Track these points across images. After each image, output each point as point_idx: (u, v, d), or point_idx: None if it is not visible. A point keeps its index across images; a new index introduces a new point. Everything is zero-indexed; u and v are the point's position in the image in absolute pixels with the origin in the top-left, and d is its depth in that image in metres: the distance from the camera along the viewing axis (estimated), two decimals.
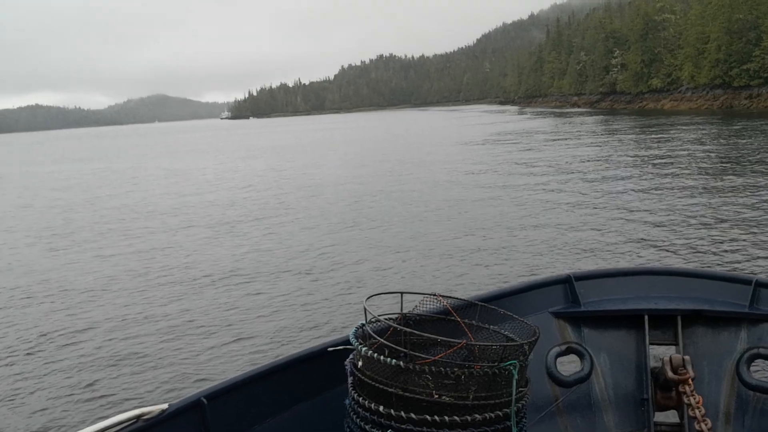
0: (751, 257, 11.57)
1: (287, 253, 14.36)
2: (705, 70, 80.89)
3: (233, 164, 43.44)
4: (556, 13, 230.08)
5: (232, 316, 10.03)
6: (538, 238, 14.14)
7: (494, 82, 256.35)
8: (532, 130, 56.62)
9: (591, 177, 23.69)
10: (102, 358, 8.67)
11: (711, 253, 12.01)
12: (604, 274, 3.81)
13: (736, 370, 3.32)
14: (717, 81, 78.98)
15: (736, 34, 76.49)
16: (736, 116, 58.47)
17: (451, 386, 2.38)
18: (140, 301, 11.25)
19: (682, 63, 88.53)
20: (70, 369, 8.40)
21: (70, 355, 8.89)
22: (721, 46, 77.32)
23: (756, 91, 72.77)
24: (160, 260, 14.43)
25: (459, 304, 2.94)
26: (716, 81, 79.12)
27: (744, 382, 3.28)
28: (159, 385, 7.62)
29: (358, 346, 2.53)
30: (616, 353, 3.49)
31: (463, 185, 23.82)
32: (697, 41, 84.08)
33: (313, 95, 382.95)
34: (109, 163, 52.81)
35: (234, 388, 2.82)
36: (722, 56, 77.15)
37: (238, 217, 20.08)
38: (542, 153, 34.63)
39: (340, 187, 25.76)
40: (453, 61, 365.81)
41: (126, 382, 7.84)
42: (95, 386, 7.79)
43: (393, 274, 12.01)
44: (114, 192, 29.85)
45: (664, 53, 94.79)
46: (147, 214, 21.70)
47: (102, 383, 7.86)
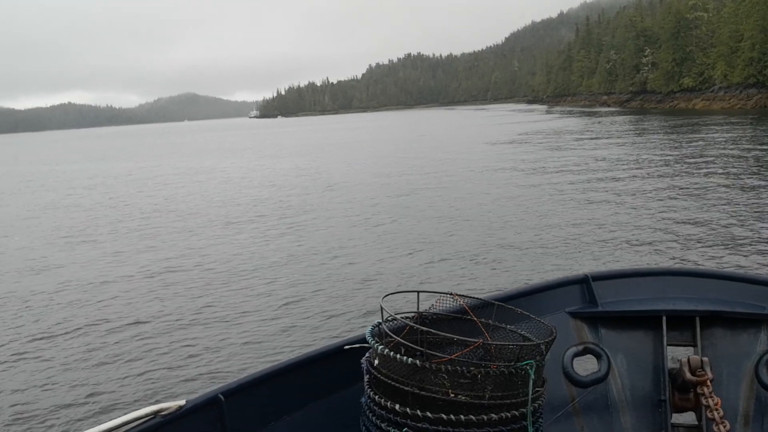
0: None
1: (306, 251, 14.42)
2: (738, 69, 79.20)
3: (259, 162, 43.60)
4: (585, 12, 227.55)
5: (250, 314, 10.11)
6: (556, 238, 14.09)
7: (522, 81, 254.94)
8: (559, 130, 55.91)
9: (615, 177, 23.43)
10: (122, 354, 8.77)
11: (731, 254, 11.89)
12: (622, 275, 3.75)
13: (755, 372, 3.25)
14: (751, 80, 77.25)
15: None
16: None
17: (467, 385, 2.37)
18: (159, 298, 11.35)
19: (714, 62, 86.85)
20: (90, 365, 8.49)
21: (91, 351, 8.97)
22: (756, 45, 75.65)
23: None
24: (180, 258, 14.51)
25: (475, 303, 2.92)
26: (750, 80, 77.40)
27: (763, 384, 3.21)
28: (177, 382, 7.71)
29: (374, 344, 2.51)
30: (633, 354, 3.45)
31: (486, 184, 23.72)
32: (730, 39, 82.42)
33: (340, 94, 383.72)
34: (135, 163, 53.26)
35: (251, 385, 2.80)
36: (756, 55, 75.47)
37: (260, 215, 20.11)
38: (568, 153, 34.16)
39: (362, 186, 25.75)
40: (481, 60, 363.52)
41: (145, 377, 7.93)
42: (114, 382, 7.88)
43: (410, 273, 12.02)
44: (139, 190, 29.98)
45: (696, 52, 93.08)
46: (170, 212, 21.77)
47: (121, 379, 7.95)
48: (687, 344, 3.42)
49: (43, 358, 8.87)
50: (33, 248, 16.89)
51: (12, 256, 16.14)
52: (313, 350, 3.02)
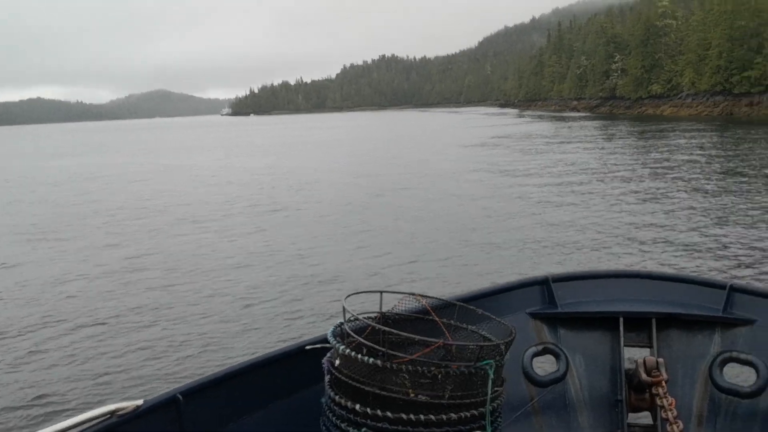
0: (727, 262, 11.68)
1: (271, 250, 14.27)
2: (706, 77, 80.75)
3: (229, 161, 43.15)
4: (557, 18, 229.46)
5: (211, 314, 9.93)
6: (519, 240, 14.19)
7: (495, 84, 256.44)
8: (530, 134, 56.44)
9: (580, 181, 23.66)
10: (78, 354, 8.56)
11: (688, 258, 12.12)
12: (581, 276, 3.84)
13: (709, 373, 3.33)
14: (718, 88, 78.85)
15: (737, 41, 76.43)
16: (736, 123, 58.31)
17: (428, 385, 2.38)
18: (118, 297, 11.09)
19: (682, 69, 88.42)
20: (45, 365, 8.29)
21: (46, 351, 8.76)
22: (723, 53, 77.20)
23: (757, 98, 72.63)
24: (141, 256, 14.25)
25: (437, 303, 2.93)
26: (717, 88, 78.99)
27: (717, 385, 3.29)
28: (134, 382, 7.53)
29: (336, 344, 2.51)
30: (591, 354, 3.51)
31: (454, 186, 23.77)
32: (698, 47, 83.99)
33: (314, 94, 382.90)
34: (102, 159, 52.60)
35: (210, 385, 2.79)
36: (723, 63, 77.02)
37: (226, 214, 19.90)
38: (537, 156, 34.46)
39: (331, 186, 25.66)
40: (455, 63, 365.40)
41: (101, 377, 7.74)
42: (69, 382, 7.68)
43: (373, 273, 11.97)
44: (104, 187, 29.59)
45: (664, 59, 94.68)
46: (134, 210, 21.45)
47: (76, 379, 7.75)
48: (643, 345, 3.48)
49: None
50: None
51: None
52: (274, 350, 3.04)
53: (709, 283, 3.69)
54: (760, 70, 72.52)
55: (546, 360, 3.51)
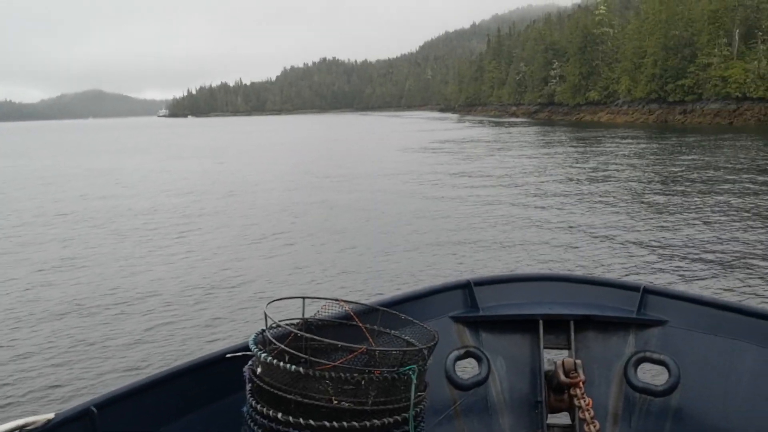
0: (642, 264, 12.19)
1: (191, 258, 14.04)
2: (641, 85, 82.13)
3: (160, 164, 41.58)
4: (497, 24, 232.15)
5: (127, 322, 9.66)
6: (444, 244, 14.35)
7: (435, 89, 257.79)
8: (469, 139, 56.08)
9: (512, 186, 24.13)
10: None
11: (604, 260, 12.55)
12: (502, 280, 3.84)
13: (624, 373, 3.39)
14: (653, 95, 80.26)
15: (671, 50, 77.97)
16: (670, 130, 59.25)
17: (351, 392, 2.35)
18: (27, 306, 10.76)
19: (619, 76, 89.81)
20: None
21: None
22: (657, 61, 78.64)
23: (690, 106, 74.14)
24: (56, 265, 13.78)
25: (361, 309, 2.91)
26: (652, 95, 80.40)
27: (631, 384, 3.36)
28: (45, 394, 7.25)
29: (257, 352, 2.45)
30: (512, 357, 3.53)
31: (386, 191, 23.82)
32: (634, 56, 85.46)
33: (254, 96, 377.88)
34: (25, 161, 49.86)
35: (126, 396, 2.68)
36: (658, 71, 78.44)
37: (148, 220, 19.34)
38: (474, 162, 34.13)
39: (261, 191, 25.10)
40: (395, 67, 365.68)
41: (10, 389, 7.42)
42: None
43: (297, 279, 11.89)
44: (21, 191, 27.69)
45: (601, 66, 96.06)
46: (52, 216, 20.21)
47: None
48: (562, 347, 3.51)
49: None
50: None
51: None
52: (194, 359, 2.91)
53: (623, 286, 3.74)
54: (693, 79, 74.03)
55: (468, 363, 3.48)
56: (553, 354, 3.52)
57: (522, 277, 3.97)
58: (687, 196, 20.38)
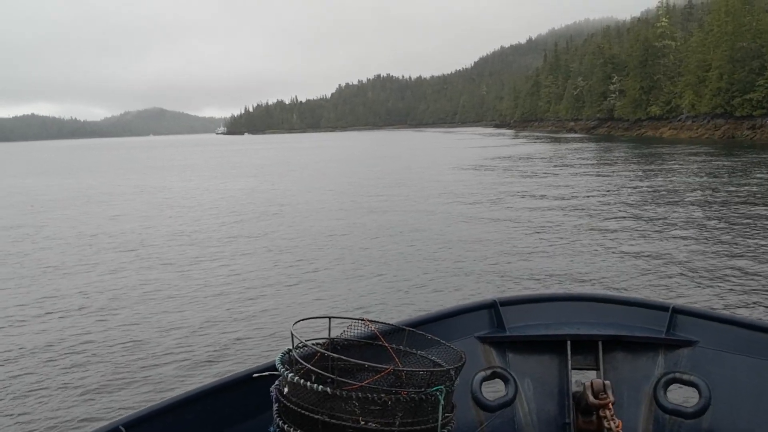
0: (672, 284, 11.73)
1: (222, 277, 13.90)
2: (706, 99, 78.73)
3: (211, 182, 41.24)
4: (554, 38, 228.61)
5: (157, 341, 9.64)
6: (468, 263, 14.08)
7: (490, 105, 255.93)
8: (524, 156, 54.27)
9: (561, 206, 23.00)
10: (19, 383, 8.25)
11: (633, 280, 12.13)
12: (529, 300, 3.77)
13: (653, 394, 3.34)
14: (718, 110, 76.74)
15: (738, 63, 74.41)
16: (738, 147, 56.08)
17: (378, 412, 2.35)
18: (62, 323, 10.81)
19: (682, 91, 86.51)
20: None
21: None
22: (723, 75, 75.27)
23: (759, 121, 70.39)
24: (88, 282, 13.85)
25: (387, 329, 2.92)
26: (717, 110, 76.89)
27: (661, 406, 3.30)
28: (77, 413, 7.27)
29: (284, 371, 2.47)
30: (539, 378, 3.47)
31: (429, 211, 23.17)
32: (698, 69, 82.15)
33: (309, 113, 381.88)
34: (79, 179, 50.33)
35: (155, 415, 2.71)
36: (724, 85, 75.06)
37: (184, 239, 19.13)
38: (526, 181, 32.50)
39: (301, 212, 24.46)
40: (450, 83, 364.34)
41: (43, 408, 7.47)
42: (11, 413, 7.39)
43: (323, 299, 11.76)
44: (68, 207, 27.39)
45: (663, 80, 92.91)
46: (94, 234, 19.72)
47: (19, 409, 7.50)
48: (590, 368, 3.43)
49: None
50: None
51: None
52: (221, 378, 2.94)
53: (652, 305, 3.66)
54: (762, 93, 70.44)
55: (495, 384, 3.43)
56: (581, 375, 3.42)
57: (549, 296, 3.85)
58: (751, 217, 18.80)
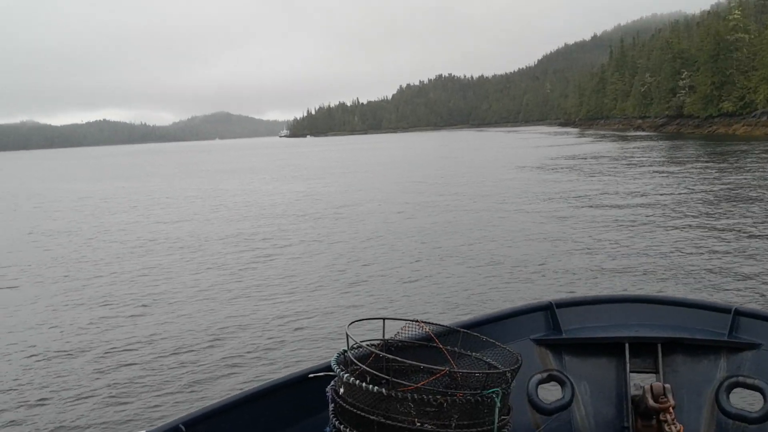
0: (734, 286, 11.41)
1: (276, 277, 14.08)
2: None
3: (270, 185, 41.47)
4: (619, 34, 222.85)
5: (214, 341, 9.83)
6: (524, 264, 13.92)
7: (555, 103, 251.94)
8: (590, 155, 52.71)
9: (628, 205, 22.40)
10: (83, 381, 8.49)
11: (693, 281, 11.86)
12: (585, 302, 3.73)
13: (715, 398, 3.27)
14: None
15: None
16: None
17: (434, 414, 2.35)
18: (121, 323, 11.12)
19: (756, 85, 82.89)
20: (45, 392, 8.19)
21: (47, 377, 8.72)
22: None
23: None
24: (143, 282, 14.21)
25: (441, 330, 2.91)
26: None
27: (723, 410, 3.23)
28: (137, 411, 7.47)
29: (339, 372, 2.51)
30: (596, 381, 3.44)
31: (490, 211, 22.95)
32: None
33: (370, 114, 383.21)
34: (143, 183, 51.40)
35: (213, 414, 2.76)
36: None
37: (241, 239, 19.53)
38: (592, 180, 31.36)
39: (359, 214, 24.40)
40: (513, 82, 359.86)
41: (104, 406, 7.66)
42: (72, 410, 7.60)
43: (377, 299, 11.79)
44: (130, 210, 27.91)
45: (736, 75, 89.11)
46: (154, 234, 19.76)
47: (81, 406, 7.69)
48: (649, 371, 3.39)
49: None
50: None
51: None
52: (277, 378, 2.98)
53: (714, 307, 3.58)
54: None
55: (551, 387, 3.39)
56: (640, 378, 3.37)
57: (606, 298, 3.75)
58: None
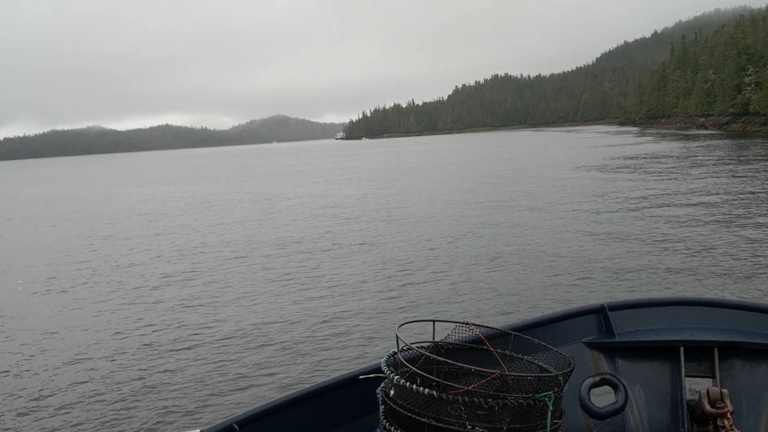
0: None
1: (325, 279, 14.25)
2: None
3: (319, 188, 41.82)
4: (681, 31, 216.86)
5: (266, 341, 10.02)
6: (577, 265, 13.79)
7: (614, 102, 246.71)
8: (651, 155, 51.53)
9: (675, 202, 22.36)
10: (137, 378, 8.75)
11: (751, 284, 11.54)
12: (639, 304, 3.64)
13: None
14: None
15: None
16: None
17: (485, 417, 2.33)
18: (176, 322, 11.36)
19: None
20: (100, 391, 8.41)
21: (106, 374, 8.99)
22: None
23: None
24: (193, 287, 14.42)
25: (492, 333, 2.88)
26: None
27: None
28: (191, 409, 7.64)
29: (389, 374, 2.50)
30: (651, 385, 3.37)
31: (539, 208, 22.98)
32: None
33: (425, 115, 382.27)
34: (195, 186, 52.42)
35: (266, 414, 2.81)
36: None
37: (289, 241, 19.84)
38: (652, 181, 30.58)
39: (413, 213, 24.61)
40: (570, 81, 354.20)
41: (160, 405, 7.81)
42: (130, 407, 7.78)
43: (426, 301, 11.80)
44: (178, 219, 28.27)
45: None
46: (200, 237, 20.05)
47: (137, 404, 7.88)
48: (705, 375, 3.33)
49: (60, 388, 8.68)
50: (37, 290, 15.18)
51: None
52: (328, 380, 3.00)
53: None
54: None
55: (604, 391, 3.30)
56: (696, 383, 3.29)
57: (660, 301, 3.68)
58: None
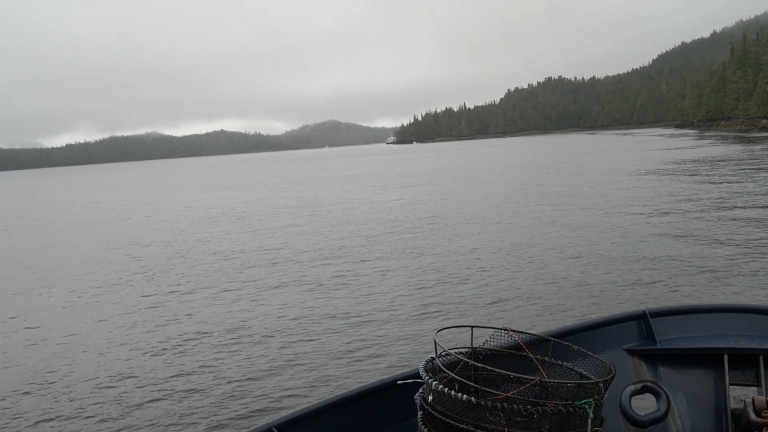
0: None
1: (363, 283, 14.22)
2: None
3: (364, 194, 41.38)
4: (741, 30, 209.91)
5: (305, 346, 10.04)
6: (619, 270, 13.58)
7: (671, 104, 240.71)
8: (710, 159, 49.49)
9: (729, 204, 21.78)
10: (178, 382, 8.76)
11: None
12: (681, 311, 3.60)
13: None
14: None
15: None
16: None
17: (524, 423, 2.30)
18: (214, 329, 11.35)
19: None
20: (136, 394, 8.45)
21: (140, 378, 9.03)
22: None
23: None
24: (235, 290, 14.54)
25: (531, 339, 2.86)
26: None
27: None
28: (230, 412, 7.67)
29: (428, 380, 2.49)
30: (693, 393, 3.31)
31: (595, 215, 22.26)
32: None
33: (477, 119, 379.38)
34: (244, 190, 52.32)
35: (304, 418, 2.82)
36: None
37: (327, 245, 19.91)
38: (711, 186, 29.08)
39: (456, 218, 24.17)
40: (626, 83, 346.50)
41: (199, 408, 7.87)
42: (167, 410, 7.83)
43: (465, 306, 11.70)
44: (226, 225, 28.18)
45: None
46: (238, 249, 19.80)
47: (177, 407, 7.91)
48: (750, 384, 3.24)
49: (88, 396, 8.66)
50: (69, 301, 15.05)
51: None
52: (367, 384, 3.00)
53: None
54: None
55: (645, 399, 3.27)
56: (740, 391, 3.22)
57: (703, 308, 3.60)
58: None
